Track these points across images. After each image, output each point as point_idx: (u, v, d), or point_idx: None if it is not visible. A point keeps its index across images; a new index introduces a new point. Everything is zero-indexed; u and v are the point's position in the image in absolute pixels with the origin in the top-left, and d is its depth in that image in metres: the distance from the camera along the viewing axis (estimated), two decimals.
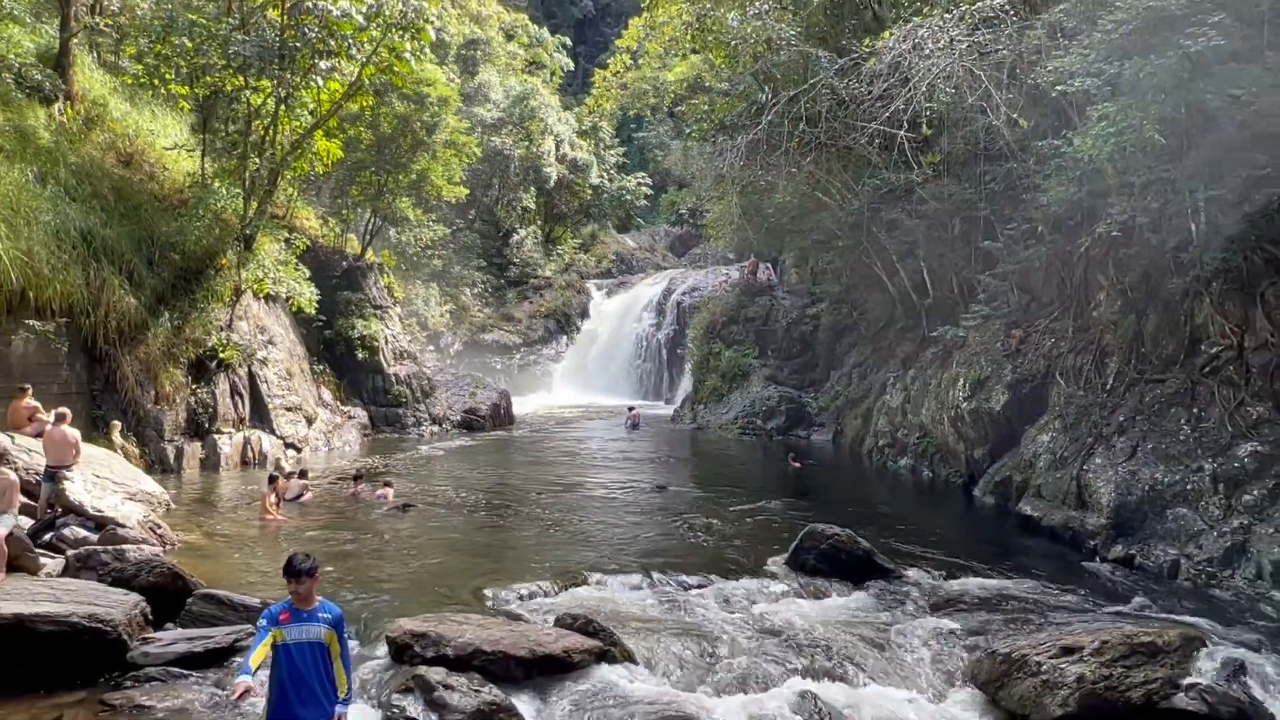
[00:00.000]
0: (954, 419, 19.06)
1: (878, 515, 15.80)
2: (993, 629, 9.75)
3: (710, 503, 17.07)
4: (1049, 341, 17.76)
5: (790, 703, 7.84)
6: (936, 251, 21.84)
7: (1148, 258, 14.92)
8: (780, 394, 28.83)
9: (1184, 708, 7.94)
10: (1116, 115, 13.23)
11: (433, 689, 7.48)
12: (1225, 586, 11.45)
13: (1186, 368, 14.24)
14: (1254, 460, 12.18)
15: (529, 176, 45.93)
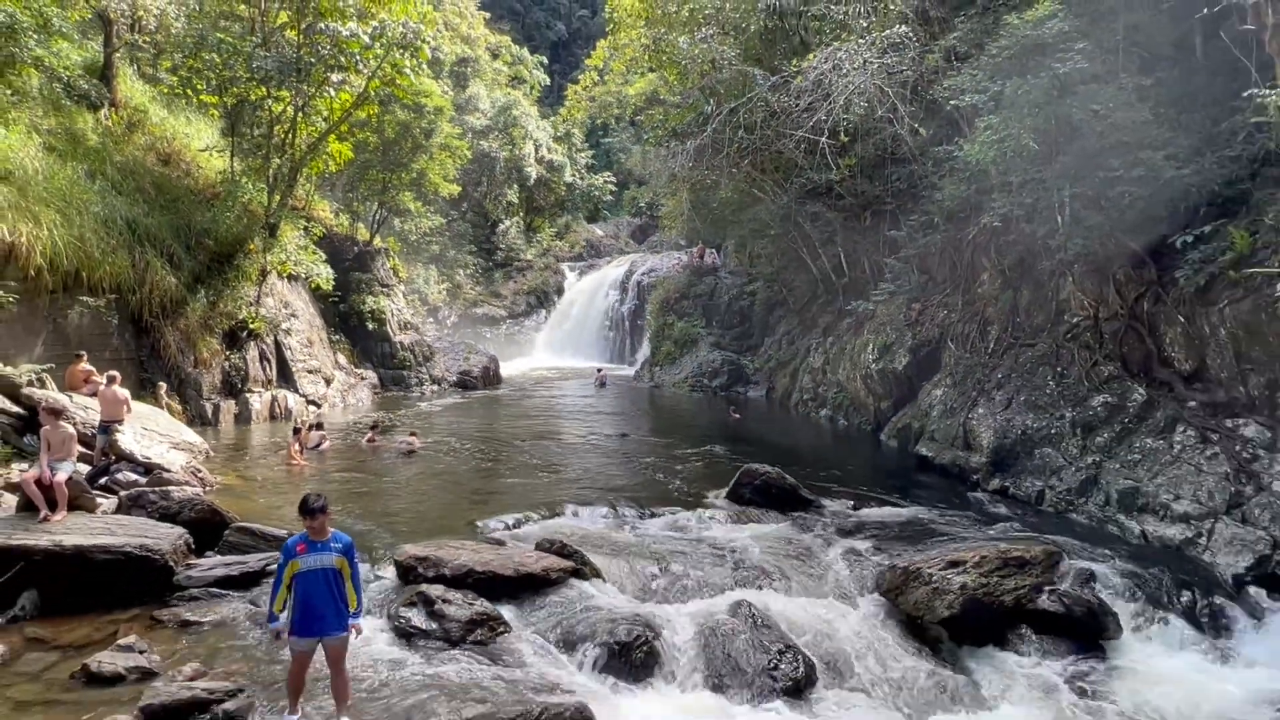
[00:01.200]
0: (865, 377, 19.28)
1: (802, 456, 15.93)
2: (894, 547, 9.91)
3: (665, 447, 17.15)
4: (942, 313, 17.95)
5: (728, 609, 7.94)
6: (851, 239, 21.96)
7: (1023, 244, 15.09)
8: (723, 357, 28.92)
9: (1045, 608, 8.22)
10: (999, 126, 13.31)
11: (433, 602, 7.52)
12: (1080, 511, 11.70)
13: (1052, 334, 14.47)
14: (1104, 409, 12.44)
15: (512, 175, 45.43)
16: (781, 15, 20.11)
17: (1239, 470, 10.28)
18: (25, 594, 7.58)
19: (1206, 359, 11.59)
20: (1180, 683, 7.47)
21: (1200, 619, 8.53)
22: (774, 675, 7.08)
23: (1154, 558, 9.77)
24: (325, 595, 5.51)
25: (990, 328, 16.20)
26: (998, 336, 15.89)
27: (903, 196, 19.23)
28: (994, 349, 15.79)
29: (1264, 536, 9.40)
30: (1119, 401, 12.36)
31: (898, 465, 15.88)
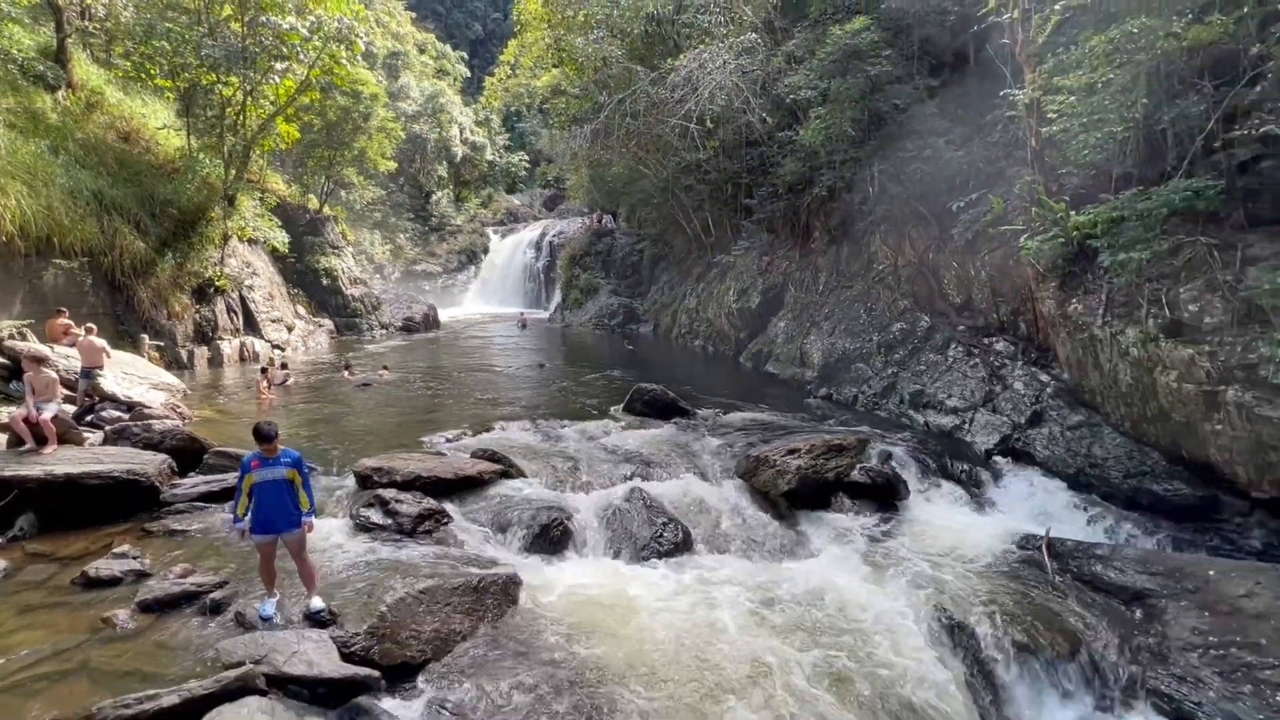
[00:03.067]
0: (727, 314, 19.64)
1: (681, 377, 16.14)
2: (748, 441, 10.15)
3: (574, 374, 17.07)
4: (785, 264, 18.37)
5: (624, 495, 8.04)
6: (716, 206, 22.06)
7: (844, 209, 15.54)
8: (619, 302, 28.79)
9: (857, 480, 8.63)
10: (826, 115, 13.50)
11: (387, 503, 7.29)
12: (883, 409, 12.32)
13: (865, 278, 15.05)
14: (900, 334, 13.11)
15: (441, 154, 43.13)
16: (659, 22, 19.59)
17: (992, 375, 11.07)
18: (23, 516, 6.91)
19: (972, 294, 12.33)
20: (950, 526, 8.10)
21: (963, 481, 9.16)
22: (660, 541, 7.31)
23: (933, 440, 10.42)
24: (278, 501, 5.34)
25: (820, 274, 16.70)
26: (825, 280, 16.42)
27: (755, 172, 19.38)
28: (823, 290, 16.32)
29: (1007, 421, 10.21)
30: (911, 327, 13.02)
31: (752, 381, 16.24)
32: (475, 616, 5.72)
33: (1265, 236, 7.80)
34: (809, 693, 5.05)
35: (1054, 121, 9.44)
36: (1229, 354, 7.40)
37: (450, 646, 5.43)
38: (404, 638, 5.28)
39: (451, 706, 4.66)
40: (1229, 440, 7.39)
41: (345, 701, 4.58)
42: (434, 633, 5.42)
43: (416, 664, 5.19)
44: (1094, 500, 8.50)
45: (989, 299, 11.85)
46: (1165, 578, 6.20)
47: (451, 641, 5.46)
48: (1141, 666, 5.60)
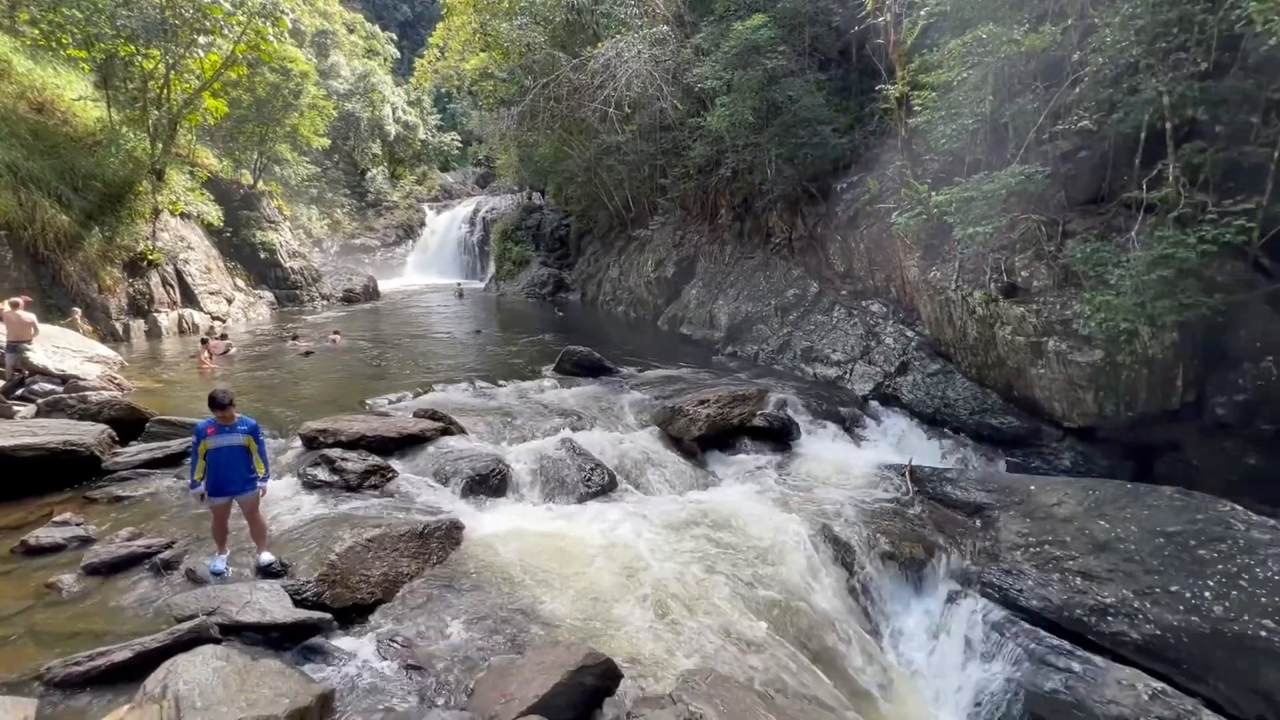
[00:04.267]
0: (646, 283, 19.66)
1: (606, 340, 16.14)
2: (666, 393, 10.30)
3: (508, 339, 16.73)
4: (696, 237, 18.47)
5: (556, 444, 8.01)
6: (635, 185, 21.79)
7: (746, 189, 15.71)
8: (549, 273, 28.18)
9: (758, 425, 8.88)
10: (729, 104, 13.48)
11: (334, 461, 6.98)
12: (779, 364, 12.70)
13: (765, 249, 15.37)
14: (794, 298, 13.54)
15: (375, 132, 40.40)
16: (578, 11, 18.84)
17: (868, 332, 11.64)
18: None
19: (853, 263, 12.84)
20: (833, 460, 8.52)
21: (845, 422, 9.60)
22: (588, 484, 7.38)
23: (820, 389, 10.89)
24: (234, 466, 5.00)
25: (726, 246, 16.92)
26: (731, 252, 16.66)
27: (669, 154, 19.20)
28: (729, 261, 16.57)
29: (880, 371, 10.80)
30: (802, 293, 13.48)
31: (669, 341, 16.39)
32: (422, 559, 5.63)
33: (1080, 215, 8.50)
34: (712, 595, 5.30)
35: (919, 114, 9.82)
36: (1051, 311, 8.08)
37: (399, 587, 5.34)
38: (354, 582, 5.15)
39: (401, 640, 4.61)
40: (1049, 381, 8.14)
41: (300, 643, 4.45)
42: (383, 576, 5.31)
43: (368, 605, 5.08)
44: (946, 434, 9.20)
45: (867, 267, 12.38)
46: (999, 493, 6.83)
47: (400, 583, 5.37)
48: (979, 564, 6.18)
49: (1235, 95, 6.76)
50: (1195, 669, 4.78)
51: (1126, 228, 7.55)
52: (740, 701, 2.76)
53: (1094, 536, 5.72)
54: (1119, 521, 5.73)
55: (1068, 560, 5.68)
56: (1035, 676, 5.20)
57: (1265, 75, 6.53)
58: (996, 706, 5.26)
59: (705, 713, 2.58)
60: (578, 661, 3.76)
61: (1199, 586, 4.99)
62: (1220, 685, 4.68)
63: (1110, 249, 7.39)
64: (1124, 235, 7.44)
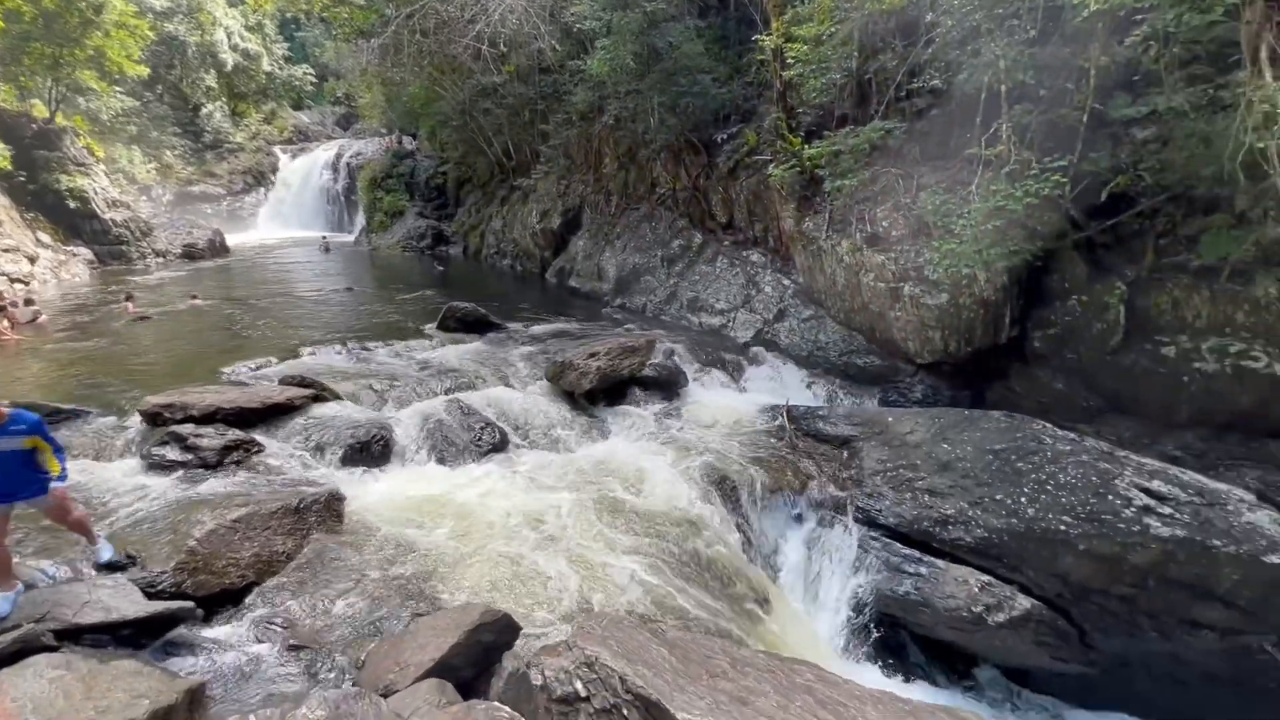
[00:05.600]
0: (531, 235, 19.10)
1: (492, 294, 15.59)
2: (555, 348, 10.20)
3: (385, 296, 15.70)
4: (581, 187, 18.07)
5: (443, 405, 7.77)
6: (516, 130, 20.79)
7: (630, 137, 15.49)
8: (427, 224, 26.44)
9: (647, 375, 9.00)
10: (610, 47, 13.09)
11: (185, 438, 6.28)
12: (667, 314, 12.97)
13: (650, 200, 15.40)
14: (679, 249, 13.79)
15: (207, 60, 35.00)
16: None
17: (749, 282, 12.16)
18: None
19: (734, 214, 13.23)
20: (718, 404, 8.90)
21: (728, 368, 10.04)
22: (479, 443, 7.24)
23: (706, 337, 11.27)
24: (14, 471, 4.12)
25: (612, 197, 16.74)
26: (617, 202, 16.53)
27: (550, 99, 18.46)
28: (615, 211, 16.45)
29: (760, 318, 11.37)
30: (687, 243, 13.75)
31: (557, 295, 16.18)
32: (299, 535, 5.29)
33: (931, 169, 9.26)
34: (606, 541, 5.49)
35: (792, 66, 10.10)
36: (906, 259, 8.86)
37: (276, 568, 5.00)
38: (221, 567, 4.74)
39: (281, 621, 4.35)
40: (904, 323, 8.99)
41: (160, 638, 4.06)
42: (255, 557, 4.93)
43: (239, 589, 4.72)
44: (819, 375, 9.94)
45: (747, 218, 12.81)
46: (863, 426, 7.54)
47: (276, 563, 5.02)
48: (847, 490, 6.86)
49: (1055, 62, 7.57)
50: (1013, 561, 5.68)
51: (969, 181, 8.35)
52: (633, 639, 2.90)
53: (938, 458, 6.51)
54: (958, 444, 6.56)
55: (917, 480, 6.45)
56: (891, 582, 5.94)
57: (1078, 45, 7.37)
58: (862, 611, 5.97)
59: (600, 654, 2.69)
60: (474, 620, 3.75)
61: (1017, 494, 5.88)
62: (1030, 573, 5.61)
63: (955, 201, 8.16)
64: (966, 188, 8.23)
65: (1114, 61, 7.20)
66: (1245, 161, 5.95)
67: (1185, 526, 5.19)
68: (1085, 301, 7.74)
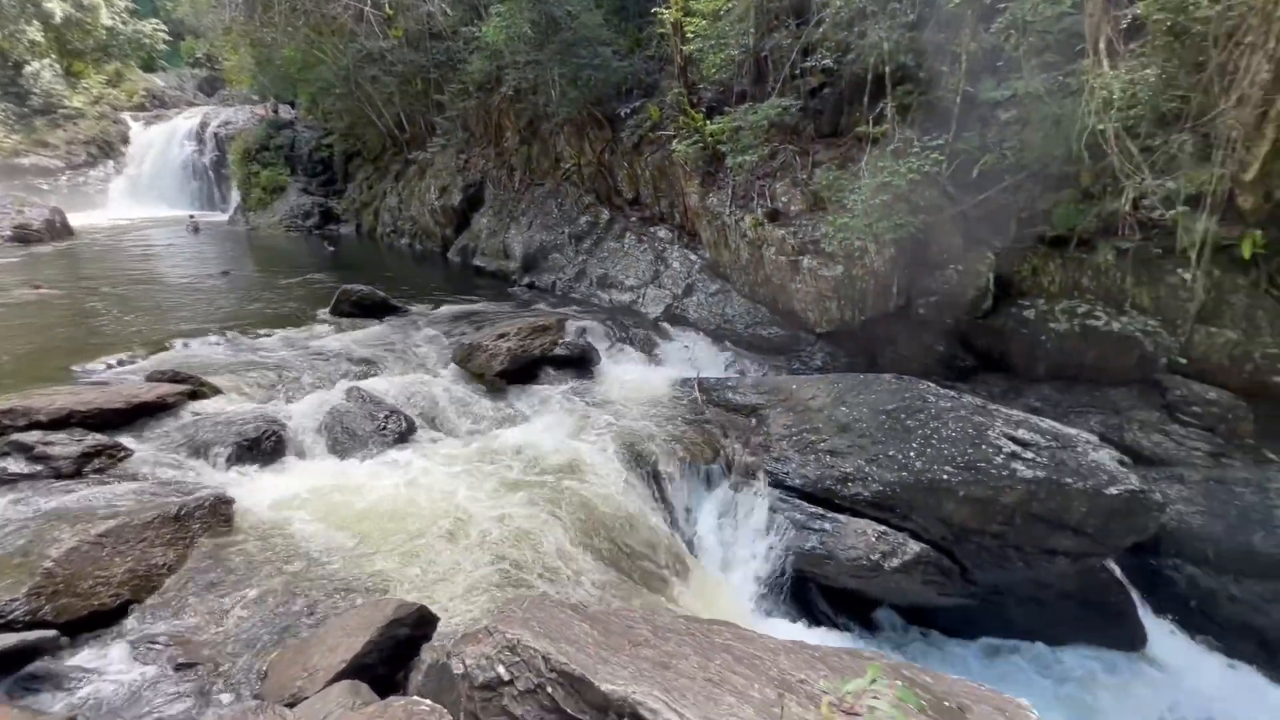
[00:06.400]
0: (431, 212, 18.23)
1: (391, 276, 14.80)
2: (463, 330, 9.89)
3: (268, 280, 14.44)
4: (482, 162, 17.42)
5: (342, 395, 7.33)
6: (408, 100, 19.58)
7: (531, 110, 15.03)
8: (313, 201, 24.49)
9: (559, 354, 8.89)
10: (505, 14, 12.59)
11: (31, 447, 5.51)
12: (577, 292, 12.85)
13: (555, 176, 15.10)
14: (587, 225, 13.67)
15: (28, 10, 30.10)
16: None
17: (657, 257, 12.29)
18: None
19: (640, 190, 13.25)
20: (631, 380, 8.92)
21: (640, 344, 10.09)
22: (384, 433, 6.90)
23: (617, 314, 11.26)
24: None
25: (515, 172, 16.27)
26: (520, 178, 16.08)
27: (444, 67, 17.48)
28: (519, 187, 16.01)
29: (669, 293, 11.52)
30: (595, 220, 13.66)
31: (462, 275, 15.59)
32: (182, 545, 4.83)
33: (826, 146, 9.70)
34: (525, 523, 5.45)
35: (692, 41, 10.16)
36: (805, 233, 9.27)
37: (157, 582, 4.55)
38: (88, 587, 4.25)
39: (165, 639, 3.98)
40: (804, 294, 9.44)
41: (16, 672, 3.60)
42: (130, 573, 4.46)
43: (113, 609, 4.26)
44: (727, 347, 10.27)
45: (653, 194, 12.88)
46: (769, 394, 7.89)
47: (156, 577, 4.57)
48: (757, 457, 7.18)
49: (932, 46, 8.11)
50: (904, 511, 6.20)
51: (858, 158, 8.83)
52: (555, 618, 2.92)
53: (838, 420, 6.95)
54: (855, 406, 7.02)
55: (820, 443, 6.86)
56: (799, 539, 6.32)
57: (952, 30, 7.92)
58: (774, 570, 6.32)
59: (522, 636, 2.68)
60: (387, 616, 3.62)
61: (906, 449, 6.41)
62: (919, 519, 6.16)
63: (847, 177, 8.61)
64: (857, 165, 8.70)
65: (981, 47, 7.81)
66: (1089, 142, 6.69)
67: (1044, 468, 5.88)
68: (961, 270, 8.47)
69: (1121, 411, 7.40)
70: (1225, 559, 6.30)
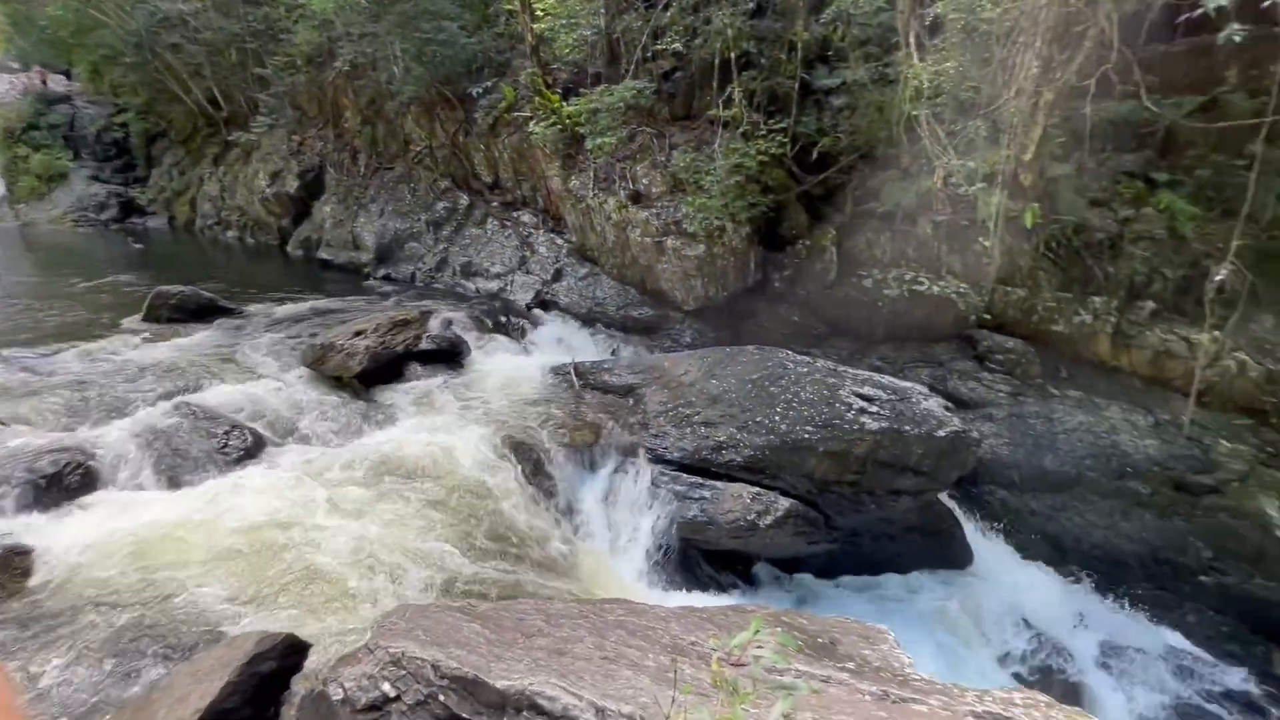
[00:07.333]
0: (262, 200, 16.34)
1: (219, 274, 13.08)
2: (312, 330, 9.01)
3: (56, 284, 12.16)
4: (320, 144, 15.89)
5: (168, 410, 6.38)
6: (222, 74, 17.28)
7: (372, 88, 13.95)
8: (109, 191, 20.96)
9: (425, 348, 8.47)
10: None
11: None
12: (440, 282, 12.30)
13: (405, 159, 14.19)
14: (445, 211, 13.03)
15: None
16: None
17: (523, 243, 12.03)
18: None
19: (500, 174, 12.84)
20: (505, 370, 8.71)
21: (511, 332, 9.91)
22: (225, 451, 6.14)
23: (485, 302, 10.89)
24: None
25: (359, 155, 15.05)
26: (366, 162, 14.91)
27: (263, 36, 15.63)
28: (364, 172, 14.85)
29: (538, 279, 11.36)
30: (453, 205, 13.05)
31: (305, 270, 14.23)
32: None
33: (681, 129, 9.99)
34: (401, 529, 5.16)
35: (542, 20, 9.94)
36: (667, 214, 9.52)
37: None
38: None
39: None
40: (670, 274, 9.73)
41: None
42: None
43: None
44: (600, 330, 10.34)
45: (513, 177, 12.53)
46: (644, 373, 8.07)
47: None
48: (636, 435, 7.33)
49: (770, 34, 8.61)
50: (773, 471, 6.68)
51: (712, 141, 9.20)
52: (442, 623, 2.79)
53: (709, 393, 7.29)
54: (724, 378, 7.40)
55: (694, 416, 7.16)
56: (681, 509, 6.57)
57: (787, 20, 8.46)
58: (661, 542, 6.53)
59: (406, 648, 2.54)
60: (248, 651, 3.25)
61: (771, 414, 6.88)
62: (787, 478, 6.67)
63: (703, 159, 8.95)
64: (711, 147, 9.07)
65: (813, 37, 8.43)
66: (906, 127, 7.50)
67: (887, 419, 6.61)
68: (808, 246, 9.18)
69: (944, 364, 8.50)
70: (1026, 481, 7.52)
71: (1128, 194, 7.54)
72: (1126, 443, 7.26)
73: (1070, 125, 7.13)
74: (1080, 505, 7.25)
